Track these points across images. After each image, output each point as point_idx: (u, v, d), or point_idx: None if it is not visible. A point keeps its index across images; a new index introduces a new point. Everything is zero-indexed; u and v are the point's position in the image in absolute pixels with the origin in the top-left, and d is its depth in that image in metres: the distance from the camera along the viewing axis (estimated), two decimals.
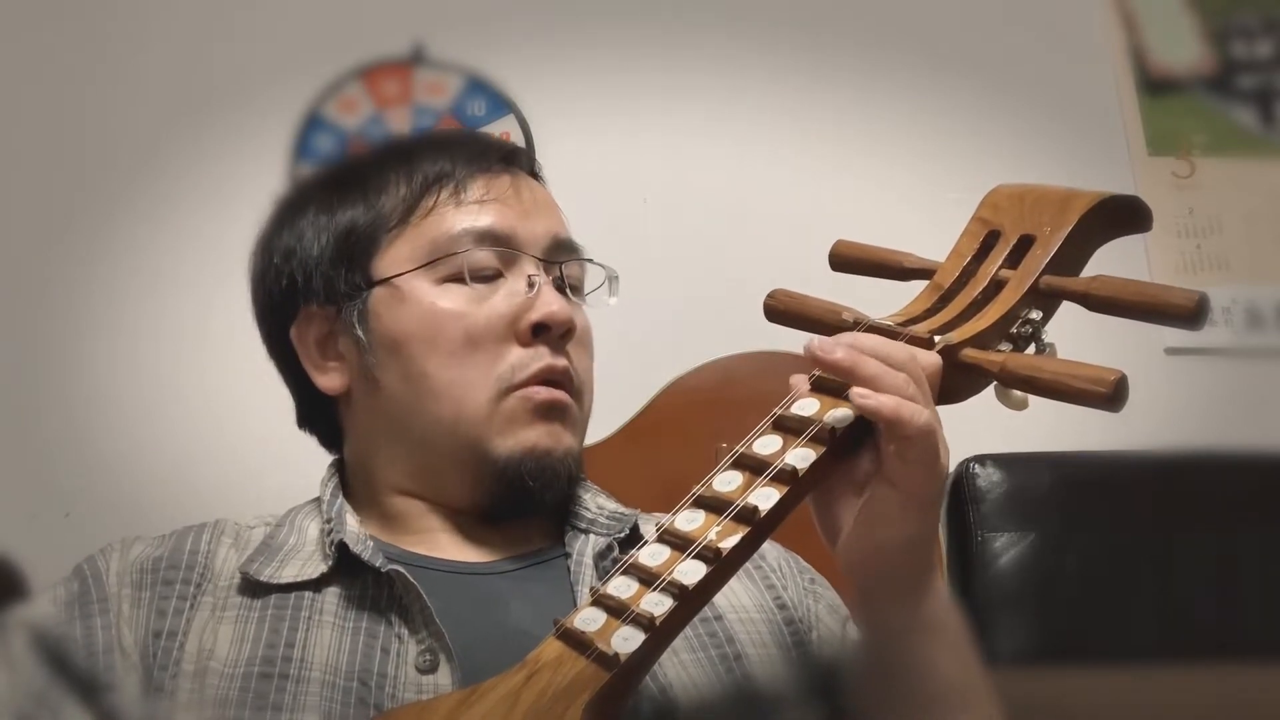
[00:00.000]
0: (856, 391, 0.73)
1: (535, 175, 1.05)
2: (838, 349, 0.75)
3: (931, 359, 0.77)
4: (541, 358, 0.94)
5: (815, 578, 1.00)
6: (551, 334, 0.94)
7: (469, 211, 0.96)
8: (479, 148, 1.03)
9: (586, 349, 1.00)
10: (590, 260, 1.03)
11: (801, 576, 0.99)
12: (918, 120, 1.95)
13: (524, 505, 0.94)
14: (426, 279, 0.95)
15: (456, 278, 0.95)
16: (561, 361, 0.94)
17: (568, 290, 0.98)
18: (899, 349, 0.76)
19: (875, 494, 0.75)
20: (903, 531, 0.76)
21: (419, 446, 0.95)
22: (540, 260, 0.97)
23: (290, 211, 1.01)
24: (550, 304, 0.94)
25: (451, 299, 0.94)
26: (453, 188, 0.97)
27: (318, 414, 1.03)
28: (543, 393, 0.93)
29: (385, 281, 0.96)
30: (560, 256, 0.99)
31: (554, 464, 0.93)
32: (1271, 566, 1.57)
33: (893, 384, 0.73)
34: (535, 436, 0.92)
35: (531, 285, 0.95)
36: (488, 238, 0.96)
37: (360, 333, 0.95)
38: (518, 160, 1.04)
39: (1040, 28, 2.02)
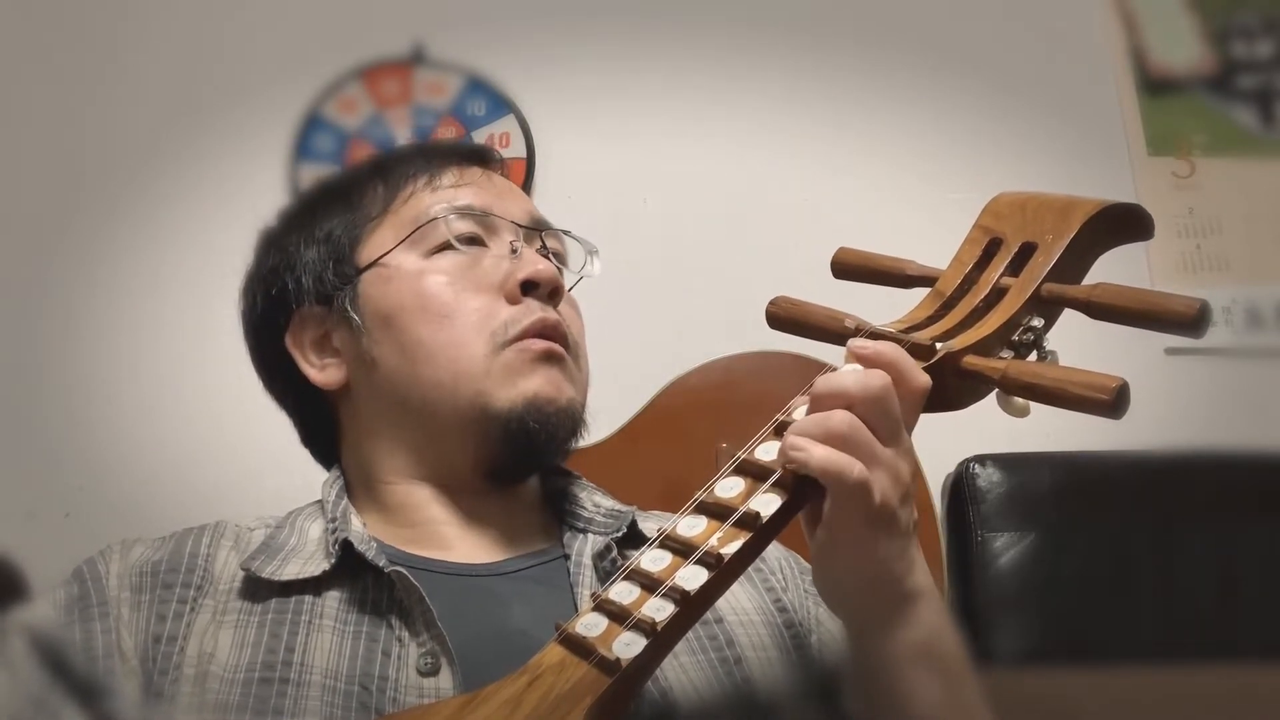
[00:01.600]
0: (788, 443, 0.71)
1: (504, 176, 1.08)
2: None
3: (920, 383, 0.74)
4: (534, 311, 0.95)
5: None
6: (540, 291, 0.96)
7: (445, 194, 1.00)
8: (448, 147, 1.09)
9: (576, 314, 1.02)
10: (568, 233, 1.05)
11: (803, 578, 0.98)
12: (918, 120, 1.95)
13: (530, 459, 0.95)
14: (412, 253, 0.98)
15: (442, 248, 0.97)
16: (553, 315, 0.96)
17: (551, 258, 1.00)
18: (870, 382, 0.72)
19: (817, 534, 0.74)
20: (856, 569, 0.75)
21: (420, 418, 0.95)
22: (521, 228, 1.00)
23: (275, 238, 1.04)
24: (536, 262, 0.96)
25: (438, 267, 0.97)
26: (427, 177, 1.01)
27: (317, 426, 1.03)
28: (539, 343, 0.94)
29: (373, 265, 0.98)
30: (539, 229, 1.02)
31: (557, 412, 0.94)
32: (1271, 566, 1.57)
33: (836, 433, 0.71)
34: (536, 385, 0.93)
35: (514, 251, 0.98)
36: (466, 211, 0.99)
37: (354, 315, 0.97)
38: (486, 157, 1.07)
39: (1040, 28, 2.02)
